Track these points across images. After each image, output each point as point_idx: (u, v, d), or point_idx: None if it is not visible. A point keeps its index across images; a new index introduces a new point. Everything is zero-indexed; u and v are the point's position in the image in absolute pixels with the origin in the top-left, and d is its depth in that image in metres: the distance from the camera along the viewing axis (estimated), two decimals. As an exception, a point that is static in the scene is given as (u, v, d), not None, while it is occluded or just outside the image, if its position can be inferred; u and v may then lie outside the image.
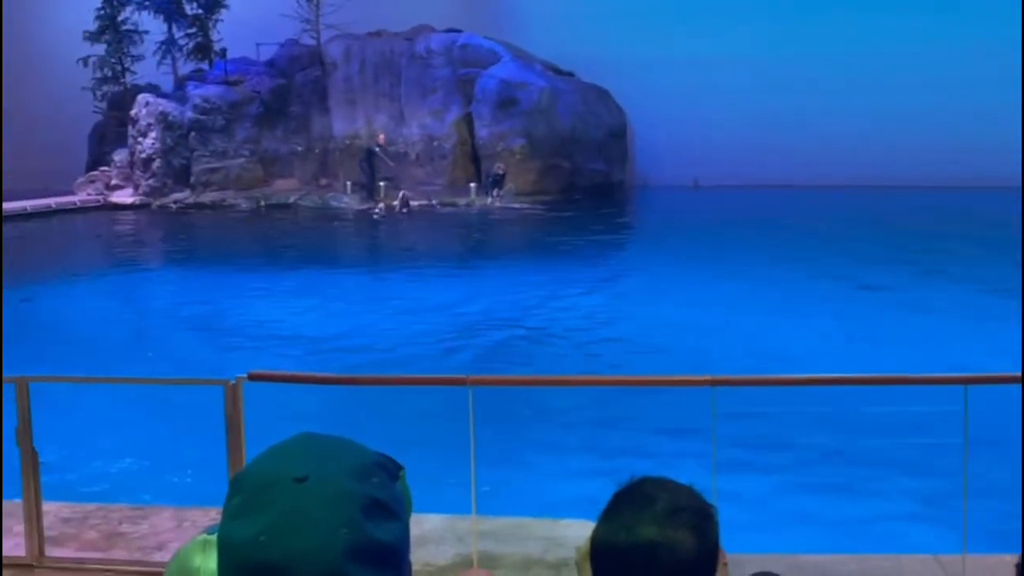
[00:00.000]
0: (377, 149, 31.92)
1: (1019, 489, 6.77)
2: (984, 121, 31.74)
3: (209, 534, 1.56)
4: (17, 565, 6.13)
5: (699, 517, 1.79)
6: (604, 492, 1.89)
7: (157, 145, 33.41)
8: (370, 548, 1.36)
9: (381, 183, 31.48)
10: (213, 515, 6.50)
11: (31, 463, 6.10)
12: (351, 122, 34.89)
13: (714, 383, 5.57)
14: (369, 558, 1.36)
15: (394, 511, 1.42)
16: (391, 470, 1.46)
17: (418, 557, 5.87)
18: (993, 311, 15.49)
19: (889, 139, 32.81)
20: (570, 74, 35.43)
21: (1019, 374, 5.66)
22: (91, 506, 7.15)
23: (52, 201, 32.27)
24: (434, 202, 31.24)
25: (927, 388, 6.51)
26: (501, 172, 31.39)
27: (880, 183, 31.83)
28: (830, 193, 31.05)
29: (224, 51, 35.88)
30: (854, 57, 33.28)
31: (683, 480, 1.87)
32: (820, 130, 33.36)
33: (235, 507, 1.40)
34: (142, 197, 33.44)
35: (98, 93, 36.92)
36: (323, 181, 34.25)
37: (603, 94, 35.23)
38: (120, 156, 34.53)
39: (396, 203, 30.07)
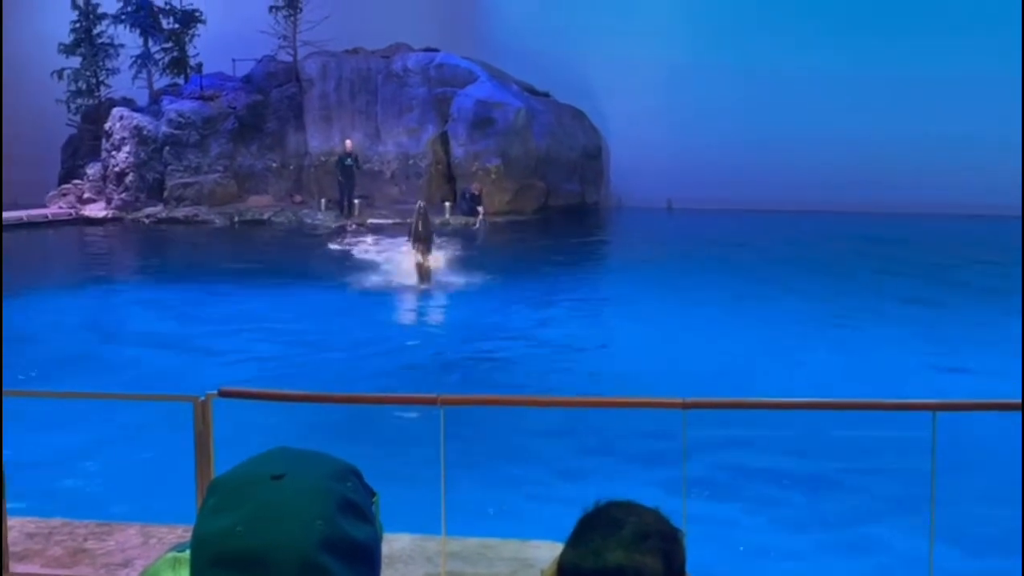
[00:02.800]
0: (348, 160, 31.65)
1: (988, 516, 6.83)
2: (961, 148, 31.93)
3: (179, 551, 1.56)
4: (-20, 581, 6.07)
5: (667, 542, 1.79)
6: (572, 514, 1.89)
7: (131, 159, 33.28)
8: (345, 542, 1.37)
9: (356, 200, 31.47)
10: (180, 532, 6.46)
11: (-4, 478, 6.05)
12: (327, 139, 34.86)
13: (685, 406, 5.59)
14: (343, 552, 1.37)
15: (368, 517, 1.44)
16: (366, 488, 1.48)
17: (386, 577, 5.85)
18: (960, 337, 15.61)
19: (866, 164, 32.94)
20: (546, 94, 35.56)
21: (987, 401, 5.71)
22: (56, 521, 7.09)
23: (23, 214, 32.04)
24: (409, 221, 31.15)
25: (897, 414, 6.55)
26: (477, 192, 31.42)
27: (854, 208, 31.96)
28: (803, 217, 31.19)
29: (200, 66, 35.82)
30: (831, 81, 33.46)
31: (650, 503, 1.87)
32: (795, 154, 33.49)
33: (210, 507, 1.41)
34: (114, 211, 33.27)
35: (72, 106, 36.76)
36: (297, 198, 34.17)
37: (578, 115, 35.38)
38: (93, 169, 34.38)
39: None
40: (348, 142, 32.53)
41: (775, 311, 17.65)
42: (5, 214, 31.13)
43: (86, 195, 34.28)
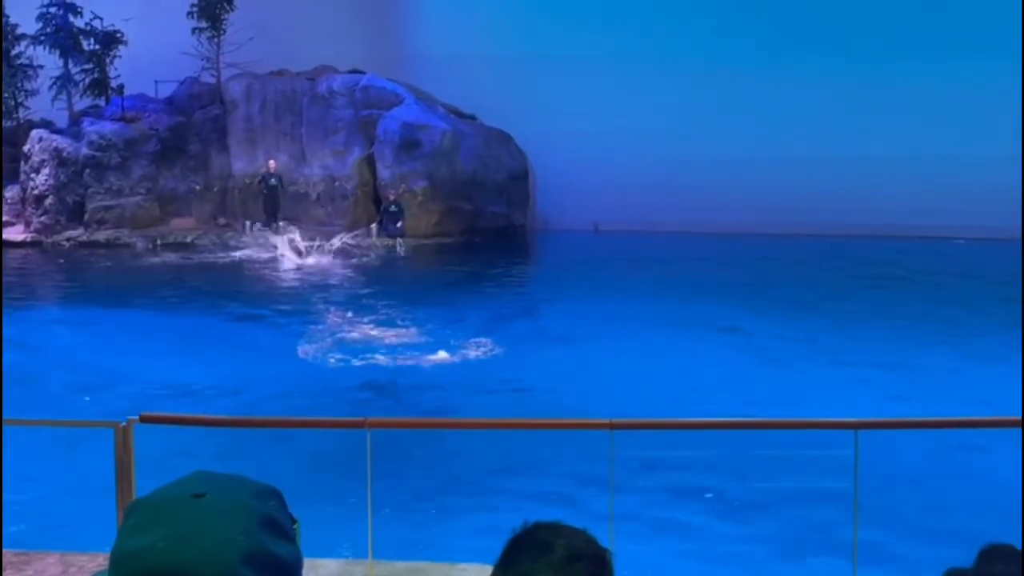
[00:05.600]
0: (272, 180, 31.71)
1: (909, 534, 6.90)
2: (893, 172, 32.43)
3: (97, 579, 1.54)
4: None
5: (596, 563, 1.78)
6: (501, 536, 1.87)
7: (50, 182, 32.74)
8: (267, 558, 1.36)
9: (282, 223, 31.28)
10: (101, 560, 6.33)
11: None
12: (251, 161, 34.55)
13: (612, 426, 5.61)
14: (266, 567, 1.36)
15: (290, 535, 1.43)
16: (287, 513, 1.47)
17: (312, 603, 5.77)
18: (881, 357, 15.86)
19: (793, 186, 33.26)
20: (472, 117, 35.60)
21: (907, 419, 5.80)
22: (-28, 552, 6.91)
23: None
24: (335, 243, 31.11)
25: (821, 432, 6.63)
26: (392, 199, 31.64)
27: (781, 230, 32.25)
28: (730, 239, 31.48)
29: (122, 87, 35.31)
30: (758, 103, 33.77)
31: (578, 524, 1.86)
32: (722, 176, 33.74)
33: (130, 527, 1.39)
34: (33, 235, 32.70)
35: (-11, 128, 36.07)
36: (221, 220, 33.83)
37: (505, 138, 35.44)
38: (11, 193, 33.74)
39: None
40: (272, 162, 32.42)
41: (704, 333, 17.79)
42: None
43: (4, 218, 33.62)
